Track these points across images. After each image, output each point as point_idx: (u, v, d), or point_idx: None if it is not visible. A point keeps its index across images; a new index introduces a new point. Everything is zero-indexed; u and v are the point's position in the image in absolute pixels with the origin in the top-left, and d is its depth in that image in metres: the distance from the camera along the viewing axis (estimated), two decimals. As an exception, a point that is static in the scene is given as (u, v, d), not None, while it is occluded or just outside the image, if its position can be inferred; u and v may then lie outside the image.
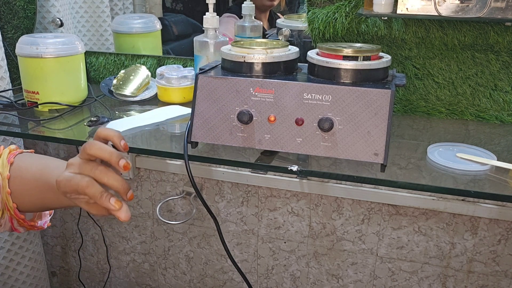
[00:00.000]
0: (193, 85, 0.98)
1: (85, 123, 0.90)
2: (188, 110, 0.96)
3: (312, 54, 0.76)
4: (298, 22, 1.08)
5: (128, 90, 1.05)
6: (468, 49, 0.94)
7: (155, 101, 1.05)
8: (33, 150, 0.72)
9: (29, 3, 1.15)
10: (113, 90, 1.06)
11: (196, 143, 0.76)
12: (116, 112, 0.99)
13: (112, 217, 1.39)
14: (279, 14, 1.31)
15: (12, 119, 0.98)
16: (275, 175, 1.14)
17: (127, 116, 0.97)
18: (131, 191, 0.57)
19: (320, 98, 0.69)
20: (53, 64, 0.97)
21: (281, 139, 0.70)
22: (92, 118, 0.89)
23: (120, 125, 0.89)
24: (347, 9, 0.94)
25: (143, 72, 1.09)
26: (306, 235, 1.20)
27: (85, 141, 0.89)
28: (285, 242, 1.23)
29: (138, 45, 1.22)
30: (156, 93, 1.06)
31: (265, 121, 0.71)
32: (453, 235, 1.08)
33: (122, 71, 1.10)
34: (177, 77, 1.00)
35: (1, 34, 1.14)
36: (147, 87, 1.08)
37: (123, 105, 1.03)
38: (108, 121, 0.90)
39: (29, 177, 0.64)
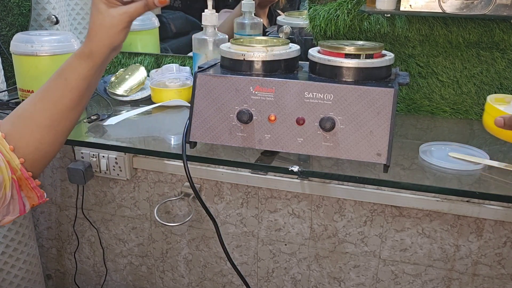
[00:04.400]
0: (185, 86, 0.98)
1: (84, 120, 0.91)
2: (184, 102, 0.95)
3: (313, 52, 0.75)
4: (299, 20, 1.06)
5: (120, 90, 1.03)
6: (473, 47, 0.92)
7: (148, 103, 1.03)
8: None
9: (24, 0, 1.14)
10: (106, 88, 1.04)
11: (195, 143, 0.75)
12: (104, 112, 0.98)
13: (109, 218, 1.37)
14: (279, 11, 1.29)
15: (6, 118, 0.96)
16: (275, 175, 1.13)
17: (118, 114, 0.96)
18: None
19: (322, 97, 0.68)
20: (48, 62, 0.95)
21: (282, 139, 0.70)
22: (92, 116, 0.90)
23: (116, 119, 0.88)
24: (349, 6, 0.92)
25: (140, 72, 1.07)
26: (307, 237, 1.19)
27: (81, 141, 0.89)
28: (285, 244, 1.22)
29: (136, 42, 1.21)
30: (150, 95, 1.04)
31: (265, 121, 0.70)
32: (458, 237, 1.06)
33: (122, 70, 1.08)
34: (170, 78, 0.99)
35: (-4, 32, 1.13)
36: (142, 88, 1.06)
37: (115, 105, 1.01)
38: (108, 118, 0.90)
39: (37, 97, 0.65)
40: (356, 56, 0.70)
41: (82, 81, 0.64)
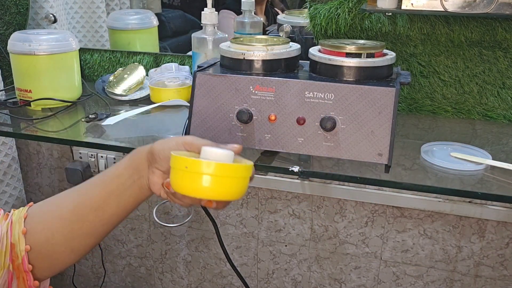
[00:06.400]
0: (184, 86, 0.97)
1: (82, 119, 0.90)
2: (183, 101, 0.94)
3: (314, 51, 0.75)
4: (300, 18, 1.06)
5: (119, 89, 1.02)
6: (475, 46, 0.92)
7: (147, 102, 1.02)
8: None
9: (21, -1, 1.13)
10: (105, 88, 1.04)
11: (194, 143, 0.74)
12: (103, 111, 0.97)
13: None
14: (278, 10, 1.29)
15: (4, 118, 0.95)
16: (275, 176, 1.12)
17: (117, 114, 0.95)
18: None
19: (322, 96, 0.68)
20: (46, 62, 0.95)
21: (282, 139, 0.69)
22: (90, 115, 0.89)
23: (114, 119, 0.87)
24: (350, 4, 0.92)
25: (139, 72, 1.06)
26: (308, 238, 1.18)
27: (80, 141, 0.88)
28: (286, 246, 1.22)
29: (134, 41, 1.21)
30: (149, 94, 1.03)
31: (265, 120, 0.69)
32: (460, 238, 1.06)
33: (120, 69, 1.07)
34: (169, 78, 0.98)
35: (-7, 31, 1.12)
36: (141, 87, 1.05)
37: (113, 105, 1.00)
38: (106, 118, 0.89)
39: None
40: (357, 55, 0.70)
41: (116, 178, 0.58)
